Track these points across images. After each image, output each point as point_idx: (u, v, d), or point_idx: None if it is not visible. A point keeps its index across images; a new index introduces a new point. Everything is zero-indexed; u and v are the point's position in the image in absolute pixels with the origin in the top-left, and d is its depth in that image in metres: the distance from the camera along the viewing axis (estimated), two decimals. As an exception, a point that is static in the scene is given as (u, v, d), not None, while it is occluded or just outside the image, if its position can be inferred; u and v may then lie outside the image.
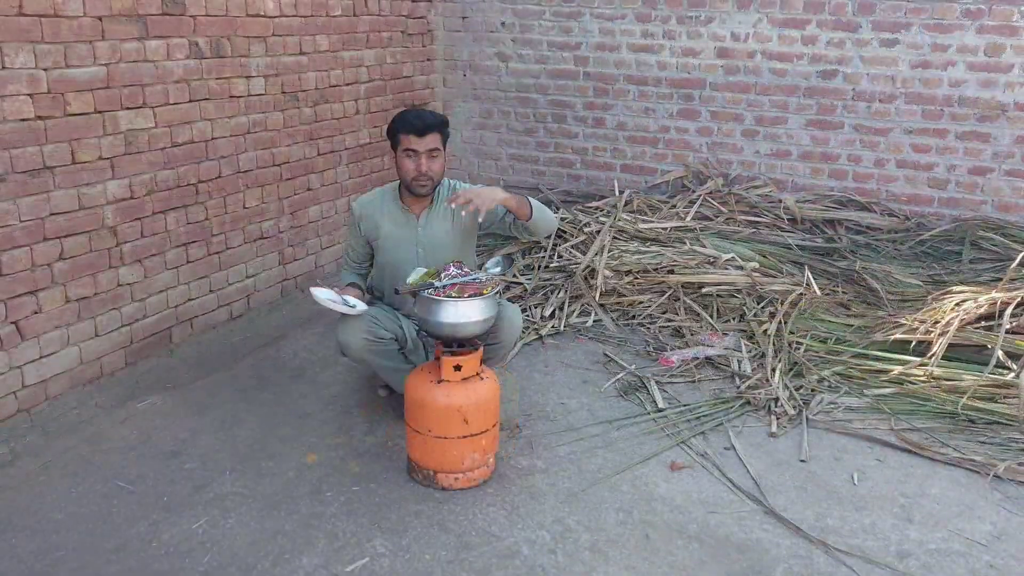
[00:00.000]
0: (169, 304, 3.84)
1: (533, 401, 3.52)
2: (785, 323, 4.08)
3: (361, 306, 3.02)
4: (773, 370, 3.73)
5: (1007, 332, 3.60)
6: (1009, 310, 3.69)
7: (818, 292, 4.36)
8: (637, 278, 4.49)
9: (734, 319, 4.27)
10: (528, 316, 4.33)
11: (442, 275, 2.84)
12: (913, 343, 3.76)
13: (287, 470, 2.99)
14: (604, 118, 5.38)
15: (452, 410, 2.77)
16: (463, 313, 2.71)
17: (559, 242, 4.78)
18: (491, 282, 2.80)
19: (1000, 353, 3.53)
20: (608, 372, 3.82)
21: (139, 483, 2.89)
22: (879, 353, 3.82)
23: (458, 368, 2.80)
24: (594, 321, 4.30)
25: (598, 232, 4.70)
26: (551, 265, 4.61)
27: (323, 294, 2.95)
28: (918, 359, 3.69)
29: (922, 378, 3.62)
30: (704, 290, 4.36)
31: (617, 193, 5.22)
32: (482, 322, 2.76)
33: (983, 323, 3.76)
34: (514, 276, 4.64)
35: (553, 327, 4.24)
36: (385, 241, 3.18)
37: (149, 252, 3.69)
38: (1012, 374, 3.47)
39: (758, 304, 4.29)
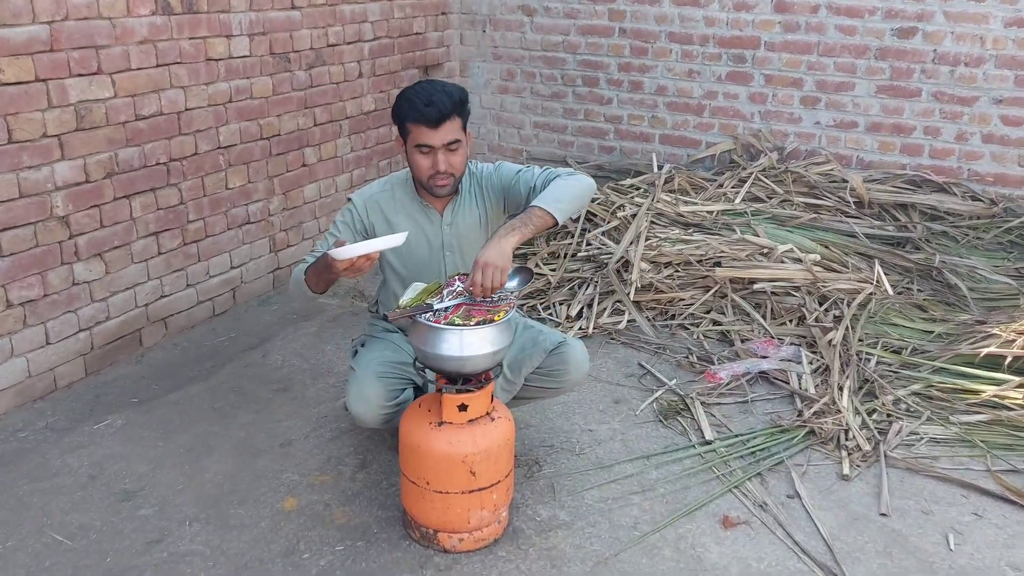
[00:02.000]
0: (137, 302, 3.33)
1: (555, 427, 2.98)
2: (852, 329, 3.49)
3: (396, 237, 2.24)
4: (840, 389, 3.16)
5: None
6: None
7: (890, 291, 3.75)
8: (678, 271, 3.91)
9: (791, 322, 3.68)
10: (552, 315, 3.77)
11: (444, 293, 2.29)
12: (1008, 359, 3.16)
13: (260, 519, 2.48)
14: (642, 81, 4.74)
15: (455, 461, 2.24)
16: (470, 345, 2.16)
17: (588, 227, 4.20)
18: (504, 303, 2.25)
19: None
20: (644, 388, 3.26)
21: (81, 536, 2.40)
22: (965, 369, 3.23)
23: (464, 408, 2.26)
24: (628, 322, 3.73)
25: (633, 216, 4.11)
26: (579, 254, 4.04)
27: (345, 252, 2.20)
28: (1016, 379, 3.10)
29: (1020, 402, 3.03)
30: (756, 287, 3.77)
31: (655, 168, 4.61)
32: (492, 354, 2.21)
33: (1097, 338, 3.15)
34: (536, 265, 4.08)
35: (580, 328, 3.68)
36: (401, 247, 2.57)
37: (111, 244, 3.17)
38: None
39: (820, 305, 3.70)
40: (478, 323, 2.15)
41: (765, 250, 3.88)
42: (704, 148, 4.67)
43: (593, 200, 4.31)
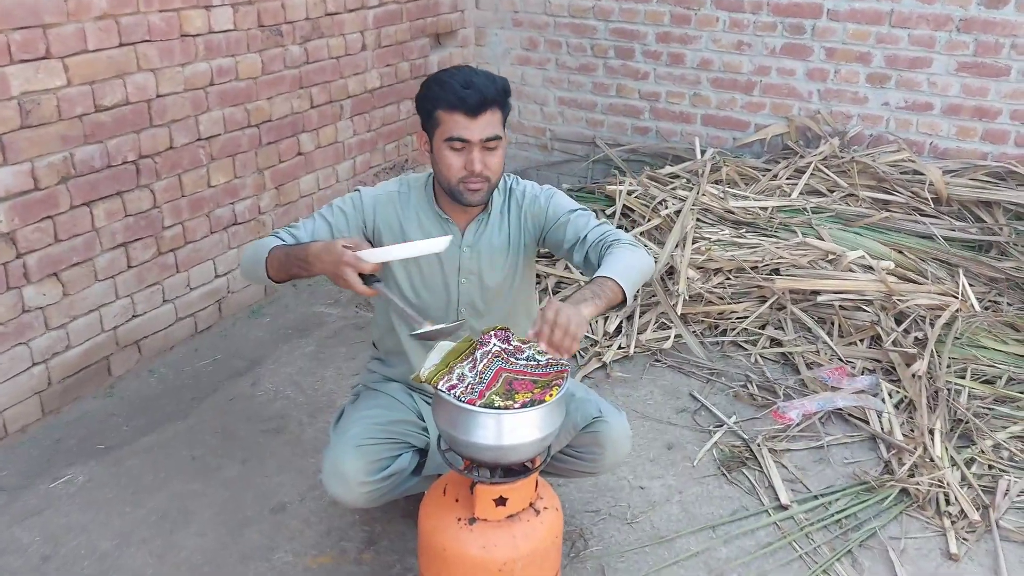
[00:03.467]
0: (104, 326, 2.84)
1: (601, 484, 2.51)
2: (938, 355, 3.00)
3: (437, 241, 1.80)
4: (931, 432, 2.68)
5: None
6: None
7: (976, 307, 3.25)
8: (729, 278, 3.40)
9: (863, 342, 3.19)
10: (588, 333, 3.28)
11: (478, 356, 1.79)
12: None
13: (246, 618, 2.03)
14: (683, 54, 4.17)
15: (491, 570, 1.77)
16: (513, 431, 1.67)
17: (625, 225, 3.68)
18: (554, 370, 1.75)
19: None
20: (699, 429, 2.78)
21: (25, 647, 1.95)
22: (1077, 407, 2.75)
23: (502, 502, 1.78)
24: (674, 339, 3.24)
25: (677, 214, 3.59)
26: (615, 257, 3.52)
27: (375, 255, 1.77)
28: None
29: None
30: (820, 298, 3.27)
31: (698, 154, 4.07)
32: (541, 440, 1.72)
33: None
34: (566, 267, 3.57)
35: (621, 348, 3.19)
36: (409, 265, 2.09)
37: (68, 261, 2.66)
38: None
39: (896, 323, 3.20)
40: (525, 404, 1.66)
41: (830, 256, 3.37)
42: (753, 131, 4.12)
43: (630, 193, 3.78)
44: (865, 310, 3.26)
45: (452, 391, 1.68)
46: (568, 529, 2.32)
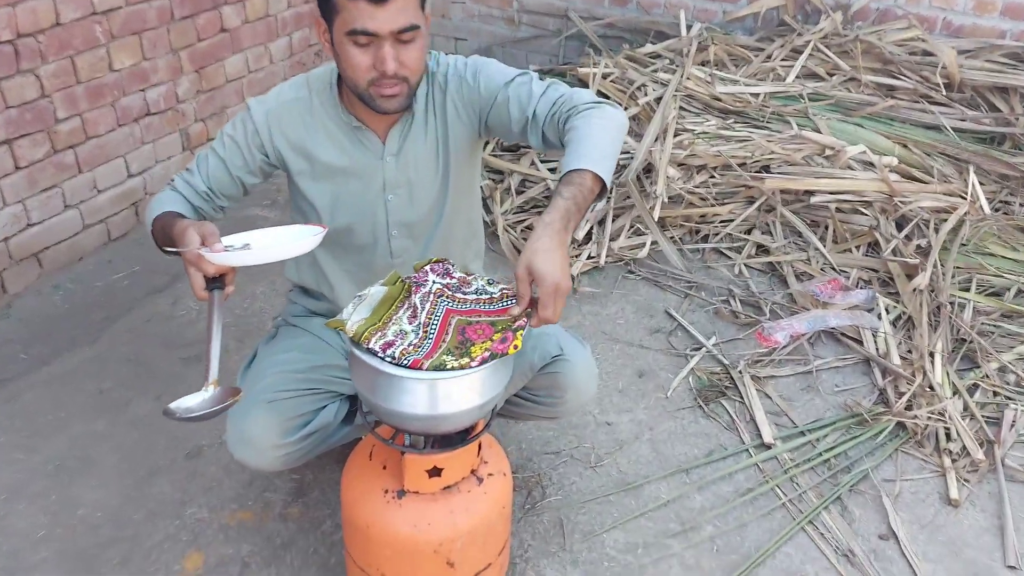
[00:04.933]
0: (-8, 238, 2.45)
1: (562, 420, 2.23)
2: (942, 266, 2.69)
3: (304, 238, 1.46)
4: (931, 355, 2.41)
5: None
6: None
7: (986, 208, 2.92)
8: (713, 176, 3.04)
9: (858, 248, 2.87)
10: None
11: (417, 301, 1.44)
12: None
13: (151, 589, 1.76)
14: (667, -88, 3.64)
15: (425, 551, 1.49)
16: (449, 398, 1.34)
17: (598, 114, 3.27)
18: (511, 322, 1.41)
19: None
20: (674, 352, 2.49)
21: None
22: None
23: (436, 473, 1.49)
24: (650, 247, 2.90)
25: (658, 101, 3.18)
26: (586, 152, 3.13)
27: (218, 258, 1.36)
28: None
29: None
30: (814, 199, 2.93)
31: (683, 29, 3.61)
32: (484, 405, 1.40)
33: None
34: (532, 164, 3.18)
35: (590, 257, 2.85)
36: (323, 186, 1.72)
37: (-64, 164, 2.25)
38: None
39: (897, 229, 2.88)
40: (484, 360, 1.32)
41: (827, 152, 3.00)
42: (746, 3, 3.65)
43: (605, 76, 3.35)
44: (864, 213, 2.92)
45: (387, 351, 1.34)
46: (524, 475, 2.05)
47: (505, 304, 1.42)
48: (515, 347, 1.34)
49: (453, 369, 1.31)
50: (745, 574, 1.82)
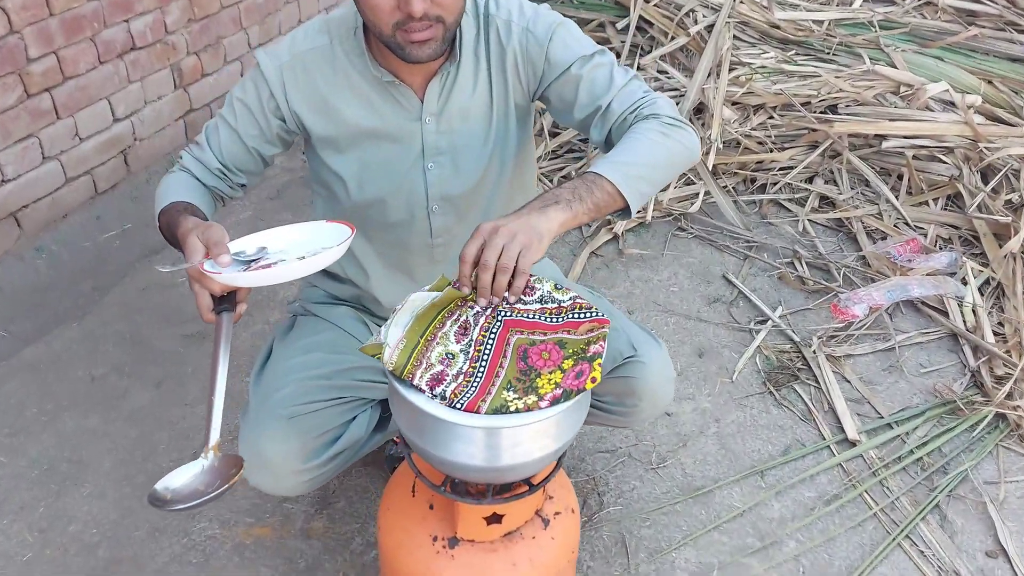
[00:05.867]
0: (-41, 199, 2.14)
1: (617, 410, 1.96)
2: (1035, 223, 2.39)
3: (324, 253, 1.11)
4: (1028, 330, 2.14)
5: None
6: None
7: (1082, 156, 2.60)
8: (772, 117, 2.71)
9: (936, 202, 2.56)
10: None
11: (469, 317, 1.14)
12: None
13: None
14: None
15: (482, 612, 1.25)
16: (517, 448, 1.07)
17: (641, 46, 2.91)
18: (594, 324, 1.12)
19: None
20: (736, 326, 2.21)
21: None
22: None
23: (496, 519, 1.23)
24: (703, 199, 2.59)
25: (709, 29, 2.81)
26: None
27: (224, 278, 1.06)
28: None
29: None
30: (887, 144, 2.61)
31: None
32: (558, 450, 1.13)
33: None
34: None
35: (638, 214, 2.54)
36: (350, 154, 1.40)
37: None
38: None
39: (982, 179, 2.56)
40: (556, 399, 1.05)
41: (903, 90, 2.66)
42: (805, -86, 3.22)
43: (647, 0, 2.97)
44: (943, 161, 2.60)
45: (437, 389, 1.06)
46: (578, 480, 1.80)
47: (577, 316, 1.13)
48: (592, 380, 1.06)
49: (518, 411, 1.04)
50: (838, 602, 1.59)
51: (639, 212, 2.50)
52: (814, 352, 2.10)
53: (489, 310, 1.13)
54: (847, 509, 1.76)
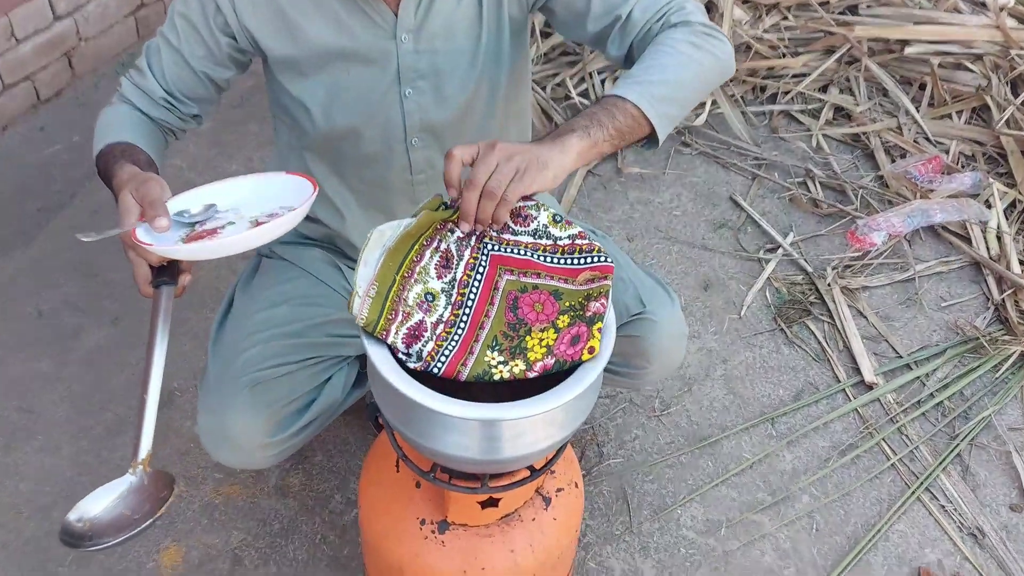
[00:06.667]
0: None
1: (617, 350, 1.82)
2: (1068, 141, 2.21)
3: (278, 221, 0.92)
4: (1055, 260, 1.99)
5: None
6: None
7: (1121, 65, 2.39)
8: (787, 18, 2.47)
9: (960, 116, 2.37)
10: (587, 94, 2.37)
11: (451, 245, 0.95)
12: None
13: (120, 591, 1.41)
14: None
15: (476, 602, 1.12)
16: (518, 439, 0.91)
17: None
18: (596, 270, 0.94)
19: None
20: (745, 254, 2.04)
21: None
22: None
23: (492, 503, 1.08)
24: (710, 110, 2.38)
25: (720, -82, 2.53)
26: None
27: (160, 249, 0.90)
28: None
29: None
30: (909, 50, 2.39)
31: None
32: (564, 439, 0.97)
33: None
34: None
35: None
36: (315, 79, 1.18)
37: None
38: None
39: (1012, 91, 2.36)
40: (547, 368, 0.89)
41: (932, -12, 2.42)
42: None
43: None
44: (970, 69, 2.39)
45: (413, 347, 0.91)
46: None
47: (577, 261, 0.95)
48: (590, 351, 0.90)
49: (502, 379, 0.89)
50: (853, 566, 1.49)
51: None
52: (828, 285, 1.94)
53: (474, 239, 0.96)
54: (863, 460, 1.65)
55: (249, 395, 1.18)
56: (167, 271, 0.91)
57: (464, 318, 0.94)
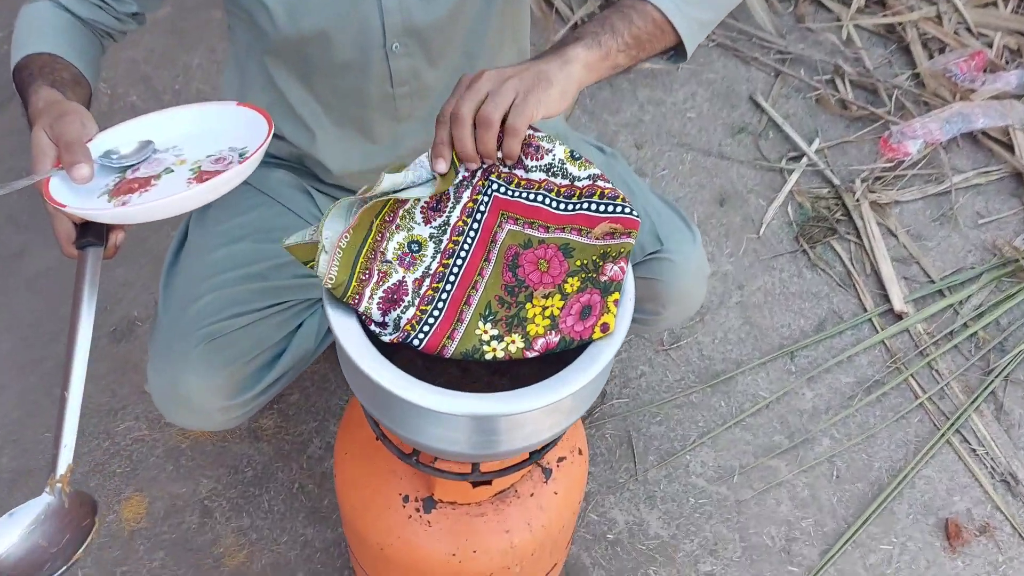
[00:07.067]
0: None
1: (623, 274, 1.65)
2: None
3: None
4: (1107, 172, 1.80)
5: None
6: None
7: None
8: None
9: (1007, 4, 2.12)
10: (596, -13, 2.11)
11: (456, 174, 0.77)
12: None
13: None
14: None
15: (466, 584, 0.99)
16: (515, 431, 0.76)
17: None
18: (617, 223, 0.76)
19: None
20: (766, 164, 1.84)
21: None
22: None
23: (485, 482, 0.94)
24: None
25: None
26: None
27: (74, 210, 0.71)
28: None
29: None
30: (956, -71, 2.11)
31: None
32: (566, 428, 0.81)
33: None
34: None
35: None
36: (284, 19, 0.95)
37: None
38: None
39: (1070, -24, 2.10)
40: (550, 347, 0.74)
41: None
42: None
43: None
44: (1022, -49, 2.12)
45: (391, 314, 0.75)
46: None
47: (598, 208, 0.77)
48: (603, 328, 0.73)
49: (495, 359, 0.73)
50: (876, 516, 1.37)
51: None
52: (857, 200, 1.76)
53: (477, 177, 0.78)
54: (890, 398, 1.51)
55: (204, 351, 1.02)
56: (94, 228, 0.73)
57: (455, 270, 0.77)
